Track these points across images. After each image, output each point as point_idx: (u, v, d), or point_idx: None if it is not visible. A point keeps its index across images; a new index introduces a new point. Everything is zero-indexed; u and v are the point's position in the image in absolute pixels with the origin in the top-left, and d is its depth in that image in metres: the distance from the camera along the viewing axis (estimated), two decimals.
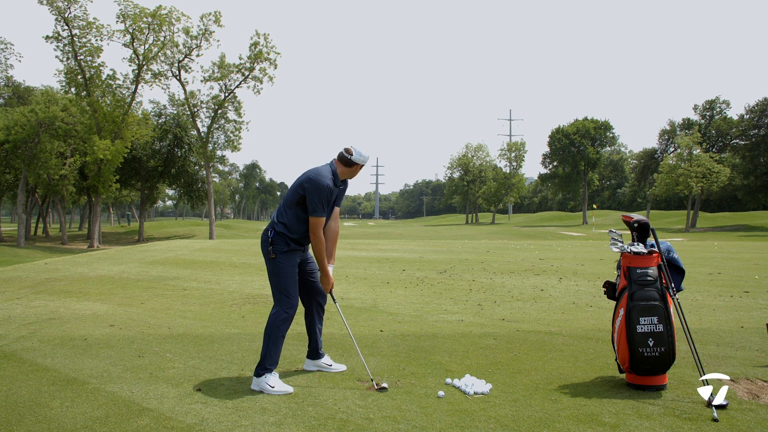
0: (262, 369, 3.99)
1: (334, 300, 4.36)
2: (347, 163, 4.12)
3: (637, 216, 4.23)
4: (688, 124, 63.80)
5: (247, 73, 40.78)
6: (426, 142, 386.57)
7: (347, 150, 4.11)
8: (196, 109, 42.49)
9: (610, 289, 4.33)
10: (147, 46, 37.75)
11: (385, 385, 4.02)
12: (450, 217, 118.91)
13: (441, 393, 3.89)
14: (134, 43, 37.38)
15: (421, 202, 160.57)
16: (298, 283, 4.17)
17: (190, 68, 40.84)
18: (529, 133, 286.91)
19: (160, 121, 49.21)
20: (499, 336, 5.74)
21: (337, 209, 4.31)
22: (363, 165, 4.17)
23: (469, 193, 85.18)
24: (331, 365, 4.50)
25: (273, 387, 3.92)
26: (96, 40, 36.49)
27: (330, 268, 4.24)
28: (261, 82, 41.16)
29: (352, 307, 7.61)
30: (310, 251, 4.33)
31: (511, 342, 5.48)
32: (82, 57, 36.10)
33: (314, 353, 4.48)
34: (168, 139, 49.04)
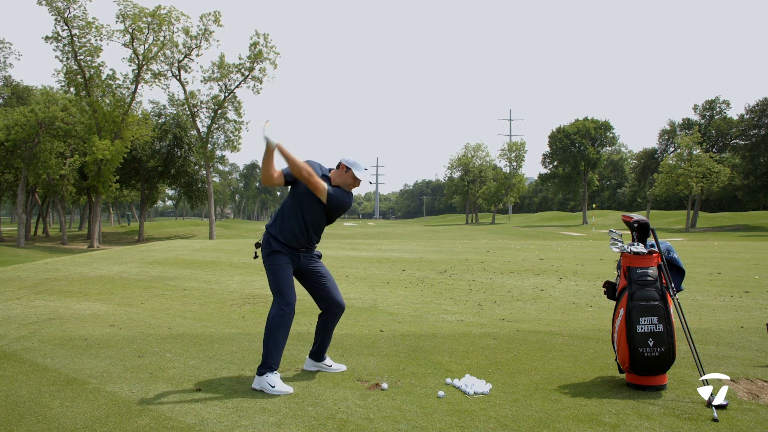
0: (264, 368, 4.01)
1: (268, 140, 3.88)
2: (338, 165, 4.25)
3: (637, 216, 4.23)
4: (688, 124, 63.82)
5: (246, 73, 40.83)
6: (426, 142, 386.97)
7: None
8: (196, 109, 42.53)
9: (610, 289, 4.32)
10: (147, 46, 37.78)
11: (385, 385, 4.03)
12: (450, 217, 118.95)
13: (441, 393, 3.89)
14: (134, 43, 37.40)
15: (421, 202, 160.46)
16: (292, 281, 4.21)
17: (189, 68, 40.93)
18: (529, 133, 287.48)
19: (160, 121, 49.21)
20: (499, 336, 5.74)
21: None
22: (357, 171, 4.16)
23: (469, 193, 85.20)
24: (331, 365, 4.50)
25: (273, 387, 3.93)
26: (96, 40, 36.55)
27: (271, 139, 3.86)
28: (261, 82, 41.24)
29: (352, 307, 7.60)
30: (312, 253, 4.33)
31: (511, 342, 5.48)
32: (81, 57, 36.11)
33: (316, 354, 4.48)
34: (168, 139, 49.06)
